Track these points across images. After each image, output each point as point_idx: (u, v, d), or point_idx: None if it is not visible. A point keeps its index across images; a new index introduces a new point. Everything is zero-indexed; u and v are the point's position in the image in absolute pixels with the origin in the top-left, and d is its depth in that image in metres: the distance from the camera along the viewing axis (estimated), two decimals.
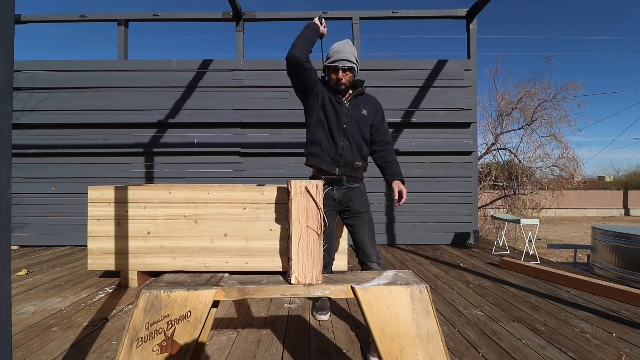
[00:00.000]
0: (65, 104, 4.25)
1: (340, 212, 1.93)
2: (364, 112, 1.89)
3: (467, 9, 4.35)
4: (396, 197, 1.84)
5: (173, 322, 1.06)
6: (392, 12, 4.43)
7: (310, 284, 1.15)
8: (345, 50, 1.79)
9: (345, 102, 1.87)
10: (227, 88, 4.30)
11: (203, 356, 1.61)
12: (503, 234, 3.95)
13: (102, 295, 2.44)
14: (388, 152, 1.96)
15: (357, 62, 1.84)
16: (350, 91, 1.91)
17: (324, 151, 1.84)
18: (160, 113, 4.27)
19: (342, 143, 1.83)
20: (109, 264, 2.63)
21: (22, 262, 3.40)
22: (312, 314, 2.09)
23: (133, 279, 2.62)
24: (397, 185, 1.86)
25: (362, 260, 1.87)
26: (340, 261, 2.55)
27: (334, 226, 1.95)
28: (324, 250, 1.88)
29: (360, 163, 1.89)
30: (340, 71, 1.80)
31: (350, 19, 4.41)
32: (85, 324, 1.95)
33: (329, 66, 1.84)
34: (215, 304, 1.21)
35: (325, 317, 2.03)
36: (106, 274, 2.92)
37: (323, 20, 1.80)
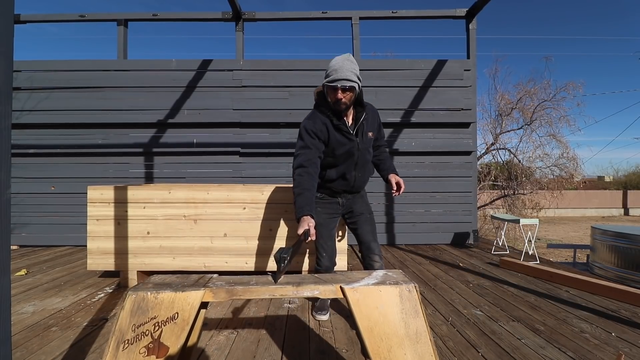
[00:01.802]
0: (65, 104, 4.24)
1: (343, 215, 1.98)
2: (370, 134, 1.84)
3: (467, 9, 4.35)
4: (394, 188, 1.87)
5: (160, 324, 1.05)
6: (392, 12, 4.43)
7: (299, 284, 1.14)
8: (344, 68, 1.63)
9: (353, 134, 1.77)
10: (226, 88, 4.30)
11: (202, 356, 1.61)
12: (502, 233, 3.95)
13: (102, 295, 2.44)
14: (381, 151, 2.01)
15: (359, 79, 1.69)
16: (352, 109, 1.80)
17: (337, 186, 1.87)
18: (159, 113, 4.26)
19: (355, 176, 1.85)
20: (109, 264, 2.63)
21: (21, 262, 3.40)
22: (312, 314, 2.09)
23: (133, 279, 2.62)
24: (393, 177, 1.90)
25: (366, 254, 1.90)
26: (340, 261, 2.54)
27: (335, 232, 1.98)
28: (325, 255, 1.91)
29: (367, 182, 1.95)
30: (340, 91, 1.65)
31: (350, 19, 4.41)
32: (85, 324, 1.95)
33: (327, 85, 1.68)
34: (204, 305, 1.20)
35: (324, 317, 2.03)
36: (106, 274, 2.92)
37: (309, 238, 1.53)
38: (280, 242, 2.63)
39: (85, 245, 2.70)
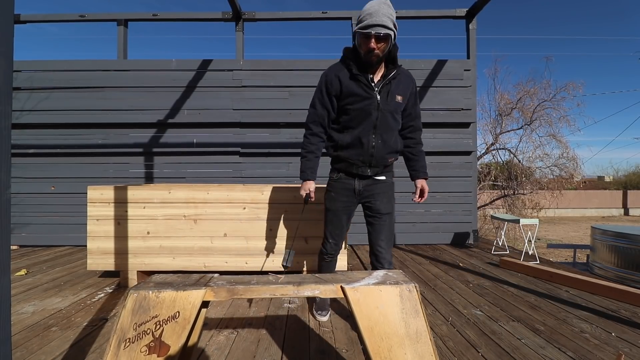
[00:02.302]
0: (65, 104, 4.24)
1: (362, 205, 1.80)
2: (399, 98, 1.63)
3: (467, 9, 4.35)
4: (417, 195, 1.80)
5: (161, 323, 1.05)
6: None
7: (299, 284, 1.15)
8: (380, 12, 1.44)
9: (376, 90, 1.58)
10: (226, 88, 4.30)
11: (202, 356, 1.61)
12: (502, 233, 3.95)
13: (102, 295, 2.44)
14: (416, 142, 1.80)
15: (395, 27, 1.49)
16: (383, 66, 1.61)
17: (353, 156, 1.66)
18: (159, 113, 4.27)
19: (374, 142, 1.63)
20: (109, 264, 2.63)
21: (21, 262, 3.40)
22: (312, 314, 2.09)
23: (133, 279, 2.62)
24: (420, 183, 1.79)
25: (375, 263, 1.84)
26: (340, 261, 2.55)
27: (347, 221, 1.84)
28: (332, 241, 1.88)
29: (393, 159, 1.74)
30: (373, 39, 1.47)
31: (350, 18, 4.40)
32: (85, 324, 1.95)
33: (359, 32, 1.50)
34: (205, 304, 1.21)
35: (325, 318, 2.03)
36: (106, 274, 2.92)
37: (309, 200, 1.76)
38: (280, 242, 2.63)
39: (85, 245, 2.71)
